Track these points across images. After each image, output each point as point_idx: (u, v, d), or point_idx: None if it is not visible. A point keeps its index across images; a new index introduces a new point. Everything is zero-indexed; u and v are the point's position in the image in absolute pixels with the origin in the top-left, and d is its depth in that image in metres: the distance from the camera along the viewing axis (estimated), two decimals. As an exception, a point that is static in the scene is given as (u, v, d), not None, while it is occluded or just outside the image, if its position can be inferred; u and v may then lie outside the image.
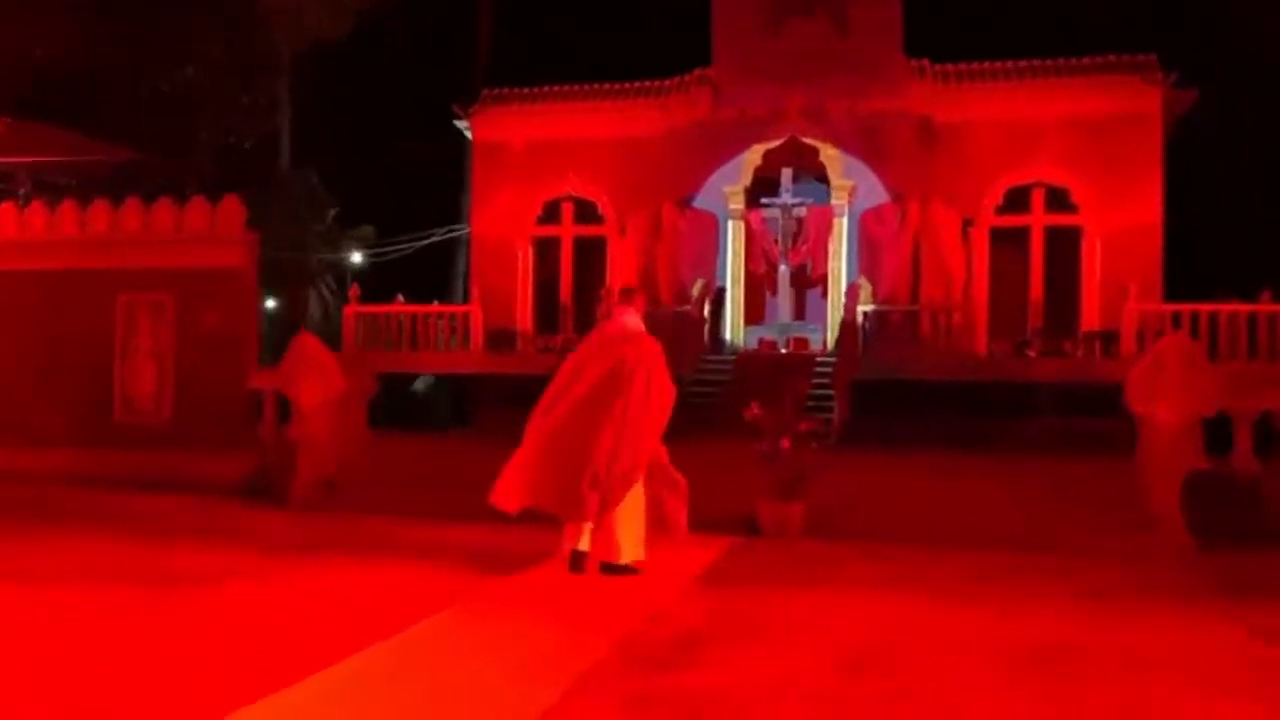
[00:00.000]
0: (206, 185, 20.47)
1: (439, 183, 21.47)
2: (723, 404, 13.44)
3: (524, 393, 15.88)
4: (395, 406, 16.63)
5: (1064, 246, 16.65)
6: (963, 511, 8.91)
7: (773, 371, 14.91)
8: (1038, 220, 16.67)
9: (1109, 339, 15.47)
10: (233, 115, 22.24)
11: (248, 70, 22.55)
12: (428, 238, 23.23)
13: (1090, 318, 16.27)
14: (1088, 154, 16.29)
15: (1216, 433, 8.88)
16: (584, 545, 6.11)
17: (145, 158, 16.87)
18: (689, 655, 4.66)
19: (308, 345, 10.37)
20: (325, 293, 22.29)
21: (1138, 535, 8.07)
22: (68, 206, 12.58)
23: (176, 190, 18.01)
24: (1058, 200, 16.56)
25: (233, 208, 11.96)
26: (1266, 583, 6.56)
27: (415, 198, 22.81)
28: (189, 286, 11.97)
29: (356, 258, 28.23)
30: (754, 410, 8.35)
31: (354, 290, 18.08)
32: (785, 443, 8.20)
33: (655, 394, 6.10)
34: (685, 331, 15.52)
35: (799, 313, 17.43)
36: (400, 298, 18.82)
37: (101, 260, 12.21)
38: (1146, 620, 5.51)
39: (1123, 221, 16.24)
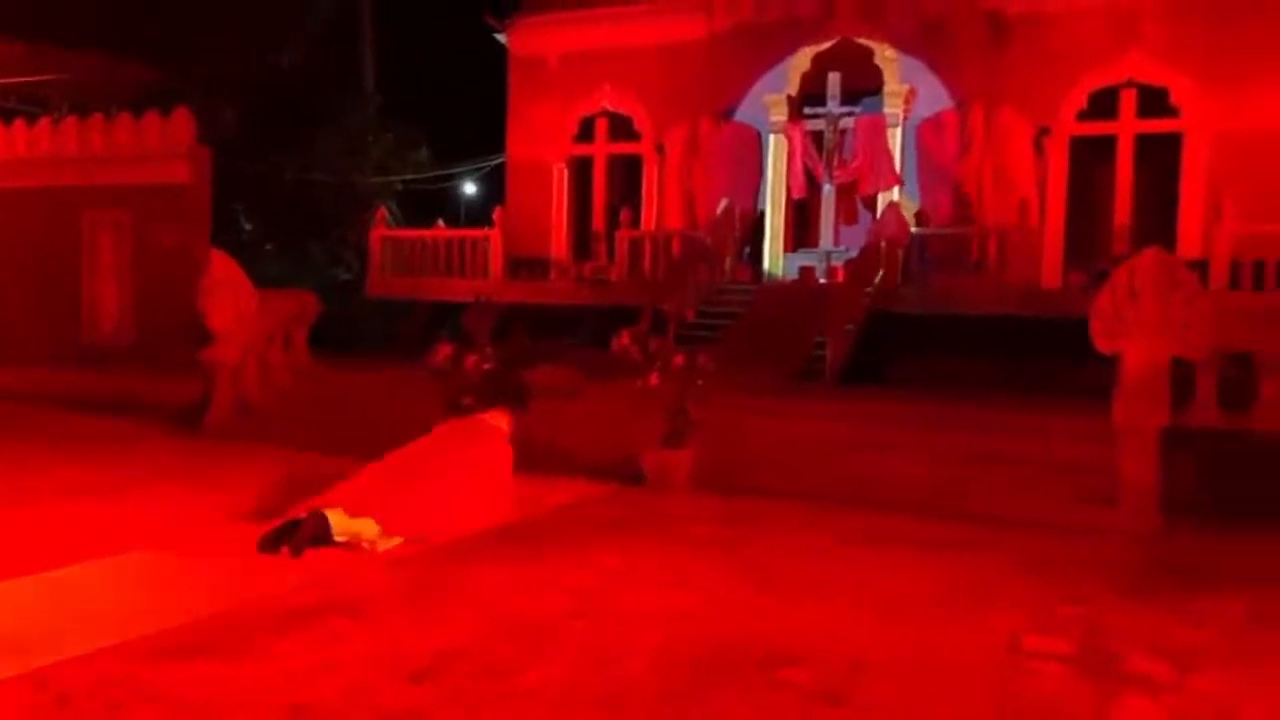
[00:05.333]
0: (259, 108, 20.34)
1: (501, 105, 20.52)
2: (723, 343, 12.02)
3: (548, 323, 15.05)
4: (398, 333, 16.11)
5: (1160, 158, 14.04)
6: (905, 467, 7.36)
7: (791, 305, 13.34)
8: (1127, 127, 14.09)
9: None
10: (298, 37, 21.85)
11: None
12: (491, 162, 22.43)
13: (1189, 244, 13.69)
14: (1193, 45, 13.56)
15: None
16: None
17: (169, 79, 16.65)
18: (254, 640, 3.59)
19: (219, 265, 9.72)
20: (388, 216, 21.86)
21: (1102, 507, 6.38)
22: (44, 125, 12.39)
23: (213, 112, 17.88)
24: (1153, 102, 13.93)
25: (182, 122, 11.39)
26: (1203, 584, 4.80)
27: (478, 122, 21.97)
28: (144, 204, 11.58)
29: (469, 187, 27.89)
30: (622, 340, 7.05)
31: (380, 213, 17.50)
32: (654, 378, 6.90)
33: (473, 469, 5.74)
34: (688, 262, 14.04)
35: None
36: (440, 223, 18.14)
37: (68, 178, 11.96)
38: (936, 621, 4.04)
39: (1236, 127, 13.49)
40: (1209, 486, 6.65)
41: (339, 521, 4.92)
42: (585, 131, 17.49)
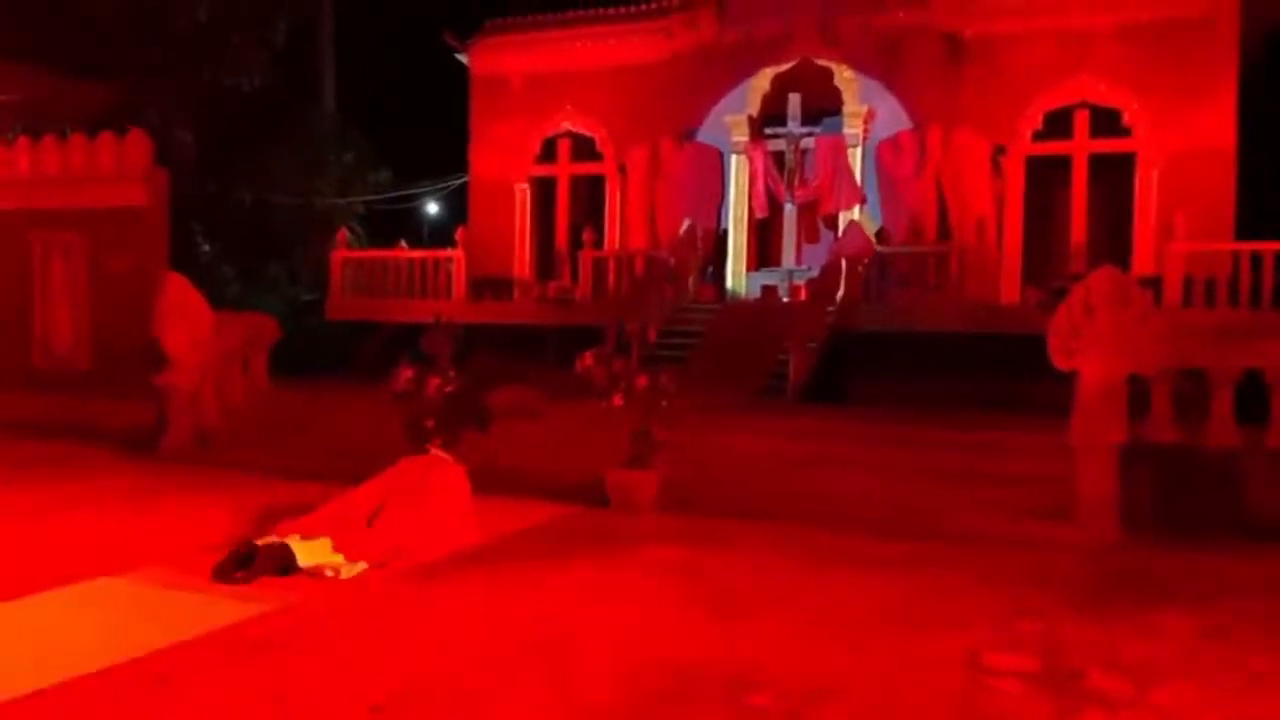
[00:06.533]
0: (217, 128, 20.14)
1: (463, 125, 20.49)
2: (686, 362, 12.04)
3: (512, 343, 14.95)
4: (359, 355, 15.97)
5: (1113, 177, 14.32)
6: (866, 484, 7.39)
7: (754, 324, 13.40)
8: (1081, 147, 14.36)
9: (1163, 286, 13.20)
10: (253, 56, 21.67)
11: (273, 7, 21.88)
12: (454, 182, 22.39)
13: (1143, 261, 13.95)
14: (1144, 68, 13.87)
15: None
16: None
17: (125, 99, 16.45)
18: (208, 671, 3.51)
19: (174, 288, 9.58)
20: (350, 238, 21.71)
21: (1060, 522, 6.45)
22: (-5, 145, 12.20)
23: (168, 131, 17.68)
24: (1106, 123, 14.22)
25: (138, 143, 11.22)
26: (1158, 597, 4.86)
27: (440, 141, 21.92)
28: (99, 227, 11.39)
29: (430, 207, 27.76)
30: (586, 361, 7.04)
31: (341, 235, 17.38)
32: (618, 400, 6.88)
33: (431, 496, 5.69)
34: (651, 281, 14.06)
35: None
36: (402, 243, 18.03)
37: (19, 200, 11.74)
38: (898, 639, 4.05)
39: (1185, 147, 13.79)
40: (1164, 500, 6.75)
41: (300, 548, 4.85)
42: (548, 152, 17.52)
